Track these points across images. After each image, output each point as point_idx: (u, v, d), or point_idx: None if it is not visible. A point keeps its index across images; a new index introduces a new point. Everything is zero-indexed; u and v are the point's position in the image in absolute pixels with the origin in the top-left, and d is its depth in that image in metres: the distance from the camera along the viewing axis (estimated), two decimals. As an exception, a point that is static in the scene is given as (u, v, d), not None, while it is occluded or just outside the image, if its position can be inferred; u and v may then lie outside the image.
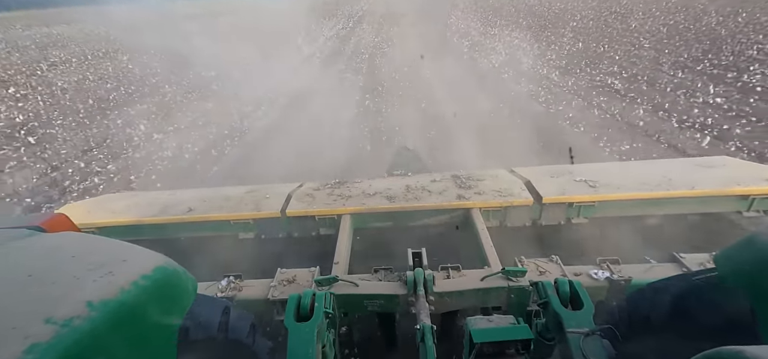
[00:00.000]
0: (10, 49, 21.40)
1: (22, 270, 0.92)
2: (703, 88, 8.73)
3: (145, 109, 10.41)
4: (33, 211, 5.87)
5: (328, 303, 1.77)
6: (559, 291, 1.70)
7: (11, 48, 21.63)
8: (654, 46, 13.10)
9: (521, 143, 6.59)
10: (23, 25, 32.68)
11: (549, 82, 10.42)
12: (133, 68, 15.55)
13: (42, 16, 38.01)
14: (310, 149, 6.72)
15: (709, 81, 9.16)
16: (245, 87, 11.25)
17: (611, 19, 18.97)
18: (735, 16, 16.29)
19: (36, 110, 11.06)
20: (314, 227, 3.11)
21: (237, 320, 1.78)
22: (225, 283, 2.38)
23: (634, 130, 7.11)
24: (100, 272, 0.94)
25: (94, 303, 0.84)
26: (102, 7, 23.64)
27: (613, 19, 18.92)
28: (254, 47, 15.06)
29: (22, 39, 24.77)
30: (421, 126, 7.81)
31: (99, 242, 1.11)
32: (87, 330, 0.79)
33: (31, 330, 0.75)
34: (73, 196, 6.32)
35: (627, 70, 10.71)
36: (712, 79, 9.28)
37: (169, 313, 1.03)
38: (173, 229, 3.12)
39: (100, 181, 6.75)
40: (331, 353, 1.82)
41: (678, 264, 2.26)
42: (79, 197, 6.26)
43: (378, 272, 2.36)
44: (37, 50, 19.35)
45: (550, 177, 3.23)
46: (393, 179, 3.45)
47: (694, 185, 2.90)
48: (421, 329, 1.71)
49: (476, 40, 16.85)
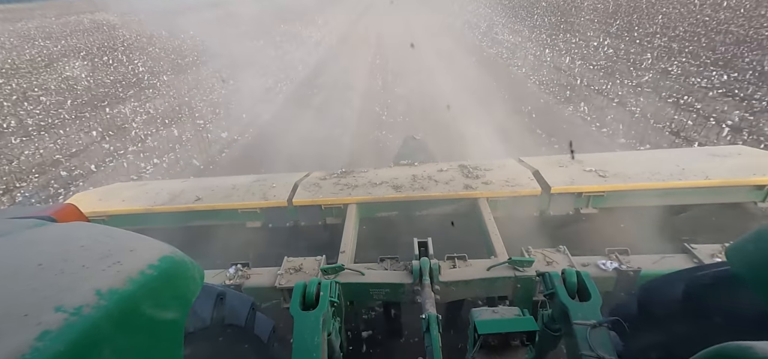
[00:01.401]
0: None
1: (33, 259, 0.94)
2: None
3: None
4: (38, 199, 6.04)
5: (333, 291, 1.78)
6: (566, 282, 1.68)
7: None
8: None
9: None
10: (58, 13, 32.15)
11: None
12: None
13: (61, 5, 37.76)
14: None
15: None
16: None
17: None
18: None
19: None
20: (321, 217, 3.12)
21: (236, 304, 1.81)
22: (233, 271, 2.40)
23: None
24: (108, 261, 0.96)
25: (102, 291, 0.86)
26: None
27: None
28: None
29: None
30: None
31: (107, 232, 1.13)
32: (96, 318, 0.81)
33: (42, 317, 0.76)
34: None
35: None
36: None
37: (176, 302, 1.05)
38: (181, 218, 3.15)
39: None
40: (337, 341, 1.84)
41: (689, 256, 2.22)
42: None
43: (384, 261, 2.36)
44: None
45: (560, 167, 3.18)
46: (399, 169, 3.44)
47: (708, 174, 2.83)
48: (426, 318, 1.71)
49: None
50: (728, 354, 0.79)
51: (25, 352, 0.70)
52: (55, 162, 6.89)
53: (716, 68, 8.62)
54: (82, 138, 7.79)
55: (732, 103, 7.00)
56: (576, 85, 8.78)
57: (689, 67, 8.92)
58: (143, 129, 7.98)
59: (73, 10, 32.77)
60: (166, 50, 15.75)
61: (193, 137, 7.47)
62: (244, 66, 12.23)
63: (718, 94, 7.39)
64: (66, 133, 8.04)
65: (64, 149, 7.33)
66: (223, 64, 12.94)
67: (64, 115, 9.13)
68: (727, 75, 8.18)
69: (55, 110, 9.51)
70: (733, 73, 8.29)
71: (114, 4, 30.71)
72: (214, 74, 11.87)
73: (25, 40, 19.57)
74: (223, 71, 12.06)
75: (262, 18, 19.92)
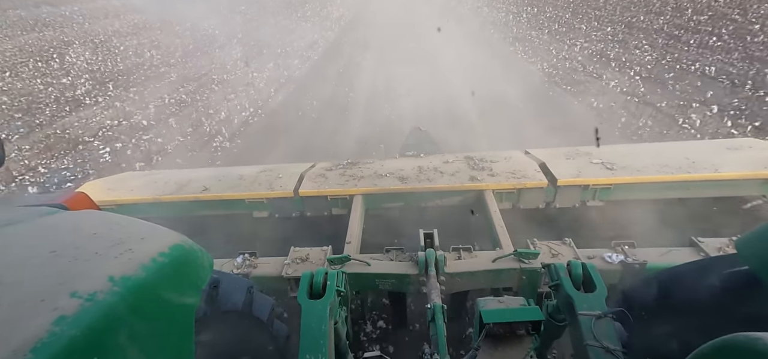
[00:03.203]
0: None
1: (46, 246, 0.96)
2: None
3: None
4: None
5: (340, 281, 1.80)
6: (571, 274, 1.69)
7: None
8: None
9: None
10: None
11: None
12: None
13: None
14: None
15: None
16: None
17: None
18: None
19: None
20: (326, 207, 3.14)
21: (259, 301, 1.88)
22: (240, 260, 2.44)
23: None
24: (120, 249, 0.97)
25: (115, 278, 0.88)
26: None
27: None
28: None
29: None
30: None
31: (118, 220, 1.15)
32: (110, 304, 0.83)
33: (58, 303, 0.78)
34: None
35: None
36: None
37: (187, 289, 1.06)
38: (189, 207, 3.19)
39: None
40: (343, 329, 1.86)
41: (696, 249, 2.20)
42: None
43: (389, 252, 2.38)
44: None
45: (566, 159, 3.16)
46: (405, 160, 3.43)
47: (717, 167, 2.80)
48: (432, 308, 1.72)
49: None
50: (737, 344, 0.79)
51: (43, 336, 0.71)
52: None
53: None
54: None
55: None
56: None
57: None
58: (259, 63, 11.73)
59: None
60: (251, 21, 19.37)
61: (277, 64, 11.32)
62: (289, 31, 15.88)
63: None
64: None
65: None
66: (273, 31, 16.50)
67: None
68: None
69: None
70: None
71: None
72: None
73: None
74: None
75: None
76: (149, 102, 8.75)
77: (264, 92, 9.07)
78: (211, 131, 7.01)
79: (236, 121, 7.42)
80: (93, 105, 8.86)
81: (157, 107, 8.39)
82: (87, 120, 8.00)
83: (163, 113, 8.11)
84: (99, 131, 7.42)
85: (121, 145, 6.78)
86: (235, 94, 8.91)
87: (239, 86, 9.42)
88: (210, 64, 11.50)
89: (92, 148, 6.79)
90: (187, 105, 8.43)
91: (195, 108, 8.15)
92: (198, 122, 7.41)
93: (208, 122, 7.41)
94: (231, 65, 11.29)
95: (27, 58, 13.09)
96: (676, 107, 6.19)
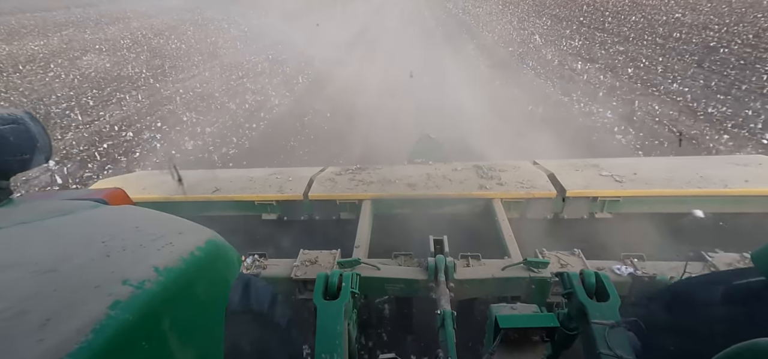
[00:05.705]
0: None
1: (96, 236, 1.04)
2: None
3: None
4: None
5: (354, 283, 1.82)
6: (584, 282, 1.69)
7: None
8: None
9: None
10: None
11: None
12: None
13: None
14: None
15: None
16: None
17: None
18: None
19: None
20: (335, 211, 3.16)
21: (260, 290, 1.87)
22: (250, 261, 2.45)
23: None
24: (161, 242, 1.04)
25: (160, 268, 0.94)
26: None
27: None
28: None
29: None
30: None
31: (156, 216, 1.24)
32: (156, 292, 0.89)
33: (112, 289, 0.84)
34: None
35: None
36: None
37: (220, 282, 1.13)
38: (199, 207, 3.22)
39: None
40: (354, 331, 1.87)
41: (705, 263, 2.21)
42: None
43: (398, 257, 2.39)
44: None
45: (575, 170, 3.18)
46: (414, 167, 3.46)
47: (727, 183, 2.80)
48: (441, 314, 1.73)
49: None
50: (758, 348, 0.80)
51: (102, 319, 0.77)
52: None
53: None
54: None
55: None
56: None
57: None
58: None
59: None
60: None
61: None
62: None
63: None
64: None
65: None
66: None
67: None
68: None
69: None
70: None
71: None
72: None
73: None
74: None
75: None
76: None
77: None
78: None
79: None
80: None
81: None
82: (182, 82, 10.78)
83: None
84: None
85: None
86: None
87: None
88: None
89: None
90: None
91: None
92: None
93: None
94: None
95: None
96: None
